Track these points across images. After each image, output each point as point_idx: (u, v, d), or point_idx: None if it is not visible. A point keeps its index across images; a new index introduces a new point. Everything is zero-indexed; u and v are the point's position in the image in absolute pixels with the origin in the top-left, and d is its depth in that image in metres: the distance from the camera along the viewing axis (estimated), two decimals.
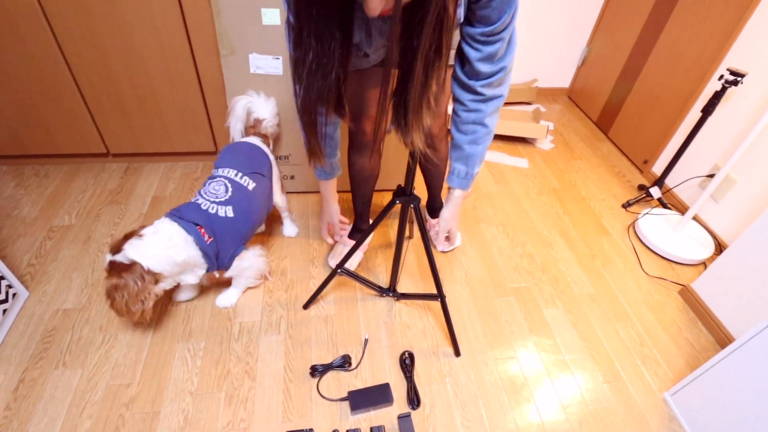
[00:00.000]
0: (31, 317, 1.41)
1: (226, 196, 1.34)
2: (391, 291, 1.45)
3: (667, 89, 2.15)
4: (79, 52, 1.66)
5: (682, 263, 1.83)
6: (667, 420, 1.31)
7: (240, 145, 1.49)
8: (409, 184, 1.13)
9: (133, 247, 1.18)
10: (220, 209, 1.32)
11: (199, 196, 1.34)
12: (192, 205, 1.31)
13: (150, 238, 1.20)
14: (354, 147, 1.46)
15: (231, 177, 1.39)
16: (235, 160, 1.43)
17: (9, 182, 1.90)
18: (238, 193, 1.36)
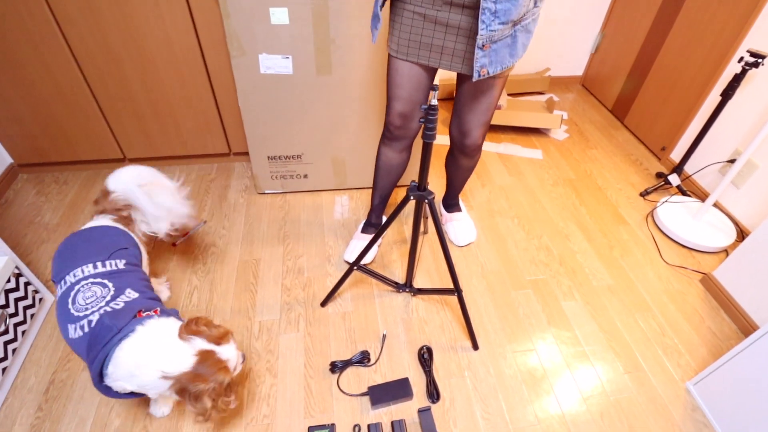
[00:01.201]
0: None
1: (109, 290, 1.04)
2: (407, 286, 1.46)
3: (685, 73, 2.10)
4: (92, 59, 1.69)
5: (702, 251, 1.79)
6: (690, 410, 1.30)
7: (78, 234, 1.15)
8: (423, 180, 1.13)
9: None
10: (115, 303, 1.03)
11: (77, 314, 1.01)
12: (96, 322, 0.99)
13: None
14: (386, 139, 1.44)
15: (92, 273, 1.06)
16: (80, 253, 1.10)
17: (30, 190, 1.95)
18: (116, 277, 1.08)
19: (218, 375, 0.98)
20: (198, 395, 0.96)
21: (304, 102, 1.67)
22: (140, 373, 0.95)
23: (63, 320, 1.02)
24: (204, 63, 1.75)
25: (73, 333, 0.99)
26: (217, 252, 1.69)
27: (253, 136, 1.76)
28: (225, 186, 2.00)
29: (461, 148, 1.44)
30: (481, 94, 1.26)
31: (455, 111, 1.37)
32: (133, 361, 0.95)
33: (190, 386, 0.96)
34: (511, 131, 2.47)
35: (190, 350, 0.98)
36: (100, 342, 0.96)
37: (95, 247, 1.11)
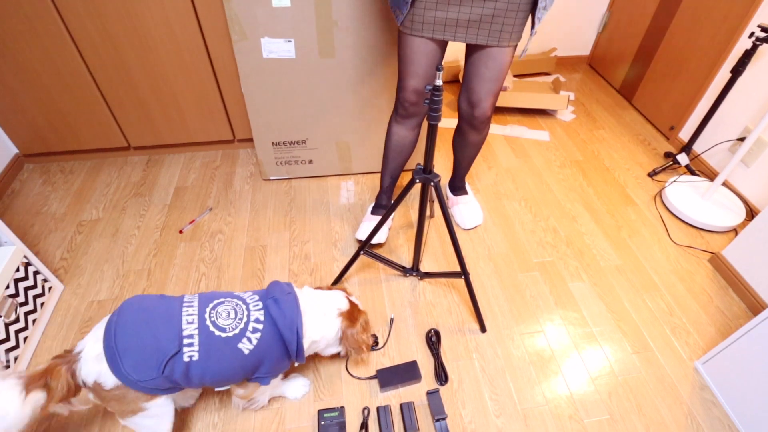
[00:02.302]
0: (67, 309, 1.46)
1: (235, 303, 1.05)
2: (414, 270, 1.46)
3: (694, 50, 2.06)
4: (93, 47, 1.67)
5: (711, 231, 1.78)
6: (698, 389, 1.30)
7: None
8: (429, 162, 1.12)
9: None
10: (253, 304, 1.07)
11: (235, 330, 1.00)
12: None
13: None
14: (398, 116, 1.44)
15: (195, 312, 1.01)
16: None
17: (36, 180, 1.96)
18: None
19: (362, 314, 1.19)
20: (354, 334, 1.13)
21: (307, 86, 1.66)
22: (324, 319, 1.09)
23: (225, 349, 0.96)
24: (206, 48, 1.74)
25: (248, 346, 0.98)
26: (223, 239, 1.70)
27: (256, 122, 1.75)
28: (230, 173, 2.00)
29: (470, 120, 1.44)
30: (493, 62, 1.26)
31: (465, 83, 1.37)
32: (316, 307, 1.09)
33: (349, 328, 1.13)
34: (518, 113, 2.44)
35: (342, 296, 1.16)
36: (287, 316, 1.01)
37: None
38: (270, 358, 1.02)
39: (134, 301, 0.95)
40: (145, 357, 0.88)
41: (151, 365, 0.89)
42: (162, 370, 0.89)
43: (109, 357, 0.88)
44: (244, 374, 1.02)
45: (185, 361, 0.92)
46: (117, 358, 0.87)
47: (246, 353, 0.98)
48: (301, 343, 1.03)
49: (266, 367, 1.03)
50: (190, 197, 1.87)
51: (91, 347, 0.89)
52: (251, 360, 0.99)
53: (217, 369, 0.96)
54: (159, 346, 0.90)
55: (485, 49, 1.25)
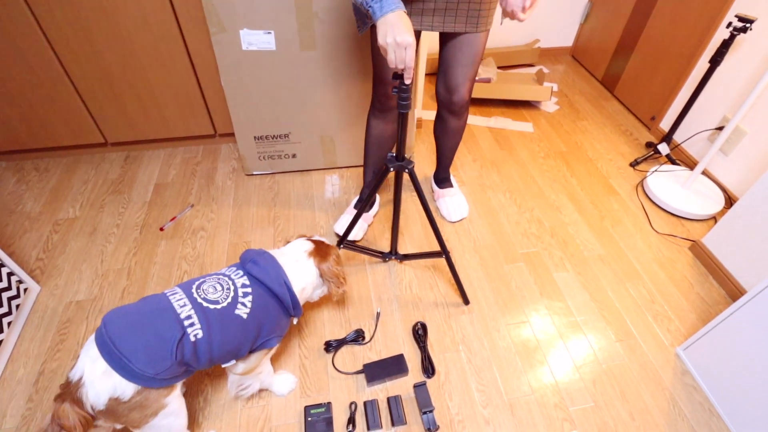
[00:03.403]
0: (45, 311, 1.42)
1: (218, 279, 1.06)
2: (393, 254, 1.46)
3: (674, 41, 2.08)
4: (65, 39, 1.62)
5: (692, 219, 1.80)
6: (680, 374, 1.32)
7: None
8: (401, 150, 1.12)
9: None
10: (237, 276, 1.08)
11: (228, 298, 1.02)
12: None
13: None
14: (375, 110, 1.44)
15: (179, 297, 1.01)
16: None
17: (10, 178, 1.89)
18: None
19: (332, 248, 1.21)
20: (330, 267, 1.16)
21: (288, 79, 1.63)
22: (299, 265, 1.12)
23: (225, 319, 0.97)
24: (183, 40, 1.69)
25: (245, 310, 1.00)
26: (206, 236, 1.67)
27: (237, 116, 1.72)
28: (212, 168, 1.96)
29: (449, 106, 1.44)
30: (468, 47, 1.28)
31: (441, 69, 1.38)
32: (289, 258, 1.11)
33: (324, 262, 1.15)
34: (501, 105, 2.44)
35: (304, 240, 1.19)
36: (270, 272, 1.04)
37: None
38: (269, 318, 1.04)
39: (114, 313, 0.92)
40: (154, 350, 0.88)
41: (163, 355, 0.88)
42: (175, 355, 0.89)
43: (117, 366, 0.85)
44: (248, 342, 1.02)
45: (192, 341, 0.92)
46: (127, 363, 0.85)
47: (245, 317, 0.99)
48: (294, 294, 1.06)
49: (267, 328, 1.04)
50: (170, 194, 1.83)
51: (91, 368, 0.86)
52: (252, 324, 1.00)
53: (222, 340, 0.96)
54: (163, 335, 0.89)
55: (460, 36, 1.27)
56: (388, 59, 0.96)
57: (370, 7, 0.95)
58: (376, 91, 1.38)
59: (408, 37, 0.92)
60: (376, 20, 0.94)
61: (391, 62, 0.96)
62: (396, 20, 0.93)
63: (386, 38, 0.93)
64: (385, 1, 0.93)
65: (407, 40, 0.92)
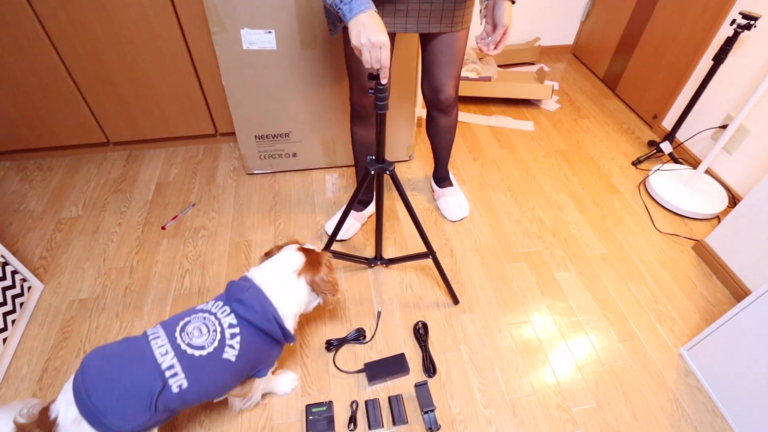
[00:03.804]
0: (48, 309, 1.43)
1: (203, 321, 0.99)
2: (378, 259, 1.45)
3: (676, 39, 2.06)
4: (68, 39, 1.62)
5: (695, 218, 1.80)
6: (683, 375, 1.31)
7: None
8: (380, 152, 1.11)
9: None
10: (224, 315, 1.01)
11: (214, 342, 0.96)
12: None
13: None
14: (354, 118, 1.44)
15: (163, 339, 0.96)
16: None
17: (13, 177, 1.90)
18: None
19: (322, 255, 1.13)
20: (323, 278, 1.08)
21: (289, 78, 1.63)
22: (288, 289, 1.04)
23: (212, 365, 0.92)
24: (184, 40, 1.69)
25: (233, 353, 0.95)
26: (207, 235, 1.67)
27: (238, 115, 1.72)
28: (213, 168, 1.96)
29: (436, 105, 1.44)
30: (448, 47, 1.28)
31: (424, 71, 1.37)
32: (276, 284, 1.02)
33: (316, 274, 1.08)
34: (502, 103, 2.43)
35: (292, 251, 1.09)
36: (258, 311, 0.97)
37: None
38: (260, 355, 1.00)
39: (94, 355, 0.89)
40: (130, 405, 0.84)
41: (140, 409, 0.85)
42: (153, 408, 0.86)
43: (92, 420, 0.83)
44: (239, 378, 1.00)
45: (175, 392, 0.88)
46: (101, 417, 0.82)
47: (234, 360, 0.95)
48: (285, 328, 1.01)
49: (259, 363, 1.02)
50: (172, 193, 1.83)
51: (65, 412, 0.84)
52: (242, 364, 0.97)
53: (212, 385, 0.93)
54: (141, 388, 0.85)
55: (439, 36, 1.26)
56: (363, 60, 0.95)
57: (340, 9, 0.94)
58: (353, 99, 1.37)
59: (382, 37, 0.91)
60: (347, 21, 0.93)
61: (366, 62, 0.95)
62: (368, 20, 0.91)
63: (360, 39, 0.92)
64: (354, 2, 0.92)
65: (381, 39, 0.91)
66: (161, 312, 1.42)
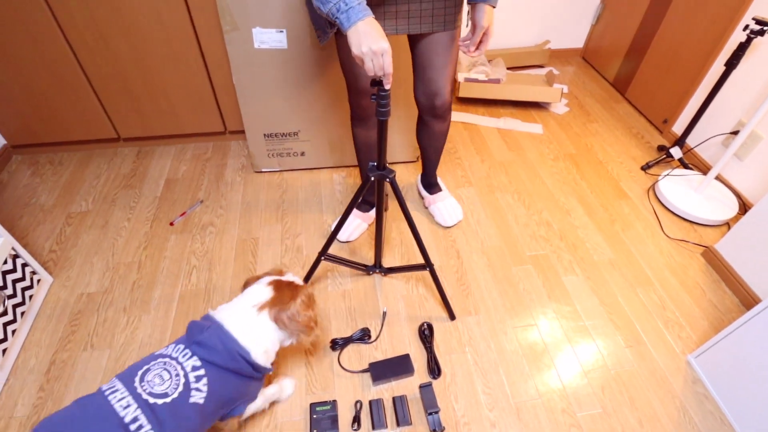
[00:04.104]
0: (56, 302, 1.44)
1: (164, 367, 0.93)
2: (377, 267, 1.43)
3: (688, 43, 2.05)
4: (82, 37, 1.64)
5: (704, 224, 1.78)
6: (690, 382, 1.30)
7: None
8: (382, 159, 1.09)
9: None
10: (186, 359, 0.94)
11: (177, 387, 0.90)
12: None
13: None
14: (355, 120, 1.43)
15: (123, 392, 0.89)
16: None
17: (25, 171, 1.92)
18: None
19: (300, 289, 1.05)
20: (294, 314, 1.01)
21: (299, 77, 1.63)
22: (254, 325, 0.98)
23: (180, 411, 0.87)
24: (196, 38, 1.70)
25: (201, 395, 0.89)
26: (215, 231, 1.68)
27: (248, 113, 1.73)
28: (221, 165, 1.97)
29: (432, 111, 1.39)
30: (443, 47, 1.24)
31: (417, 75, 1.33)
32: (239, 321, 0.97)
33: (283, 309, 1.01)
34: (511, 106, 2.43)
35: (261, 285, 1.04)
36: (221, 350, 0.92)
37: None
38: (233, 392, 0.95)
39: (45, 423, 0.81)
40: None
41: None
42: None
43: None
44: (215, 417, 0.95)
45: None
46: None
47: (203, 402, 0.89)
48: (255, 363, 0.96)
49: (234, 399, 0.97)
50: (180, 189, 1.85)
51: None
52: (212, 403, 0.91)
53: (184, 430, 0.87)
54: None
55: (430, 37, 1.22)
56: (366, 68, 0.93)
57: (337, 19, 0.92)
58: (352, 102, 1.35)
59: (383, 44, 0.90)
60: (346, 31, 0.91)
61: (369, 71, 0.93)
62: (368, 28, 0.90)
63: (361, 48, 0.90)
64: (351, 11, 0.90)
65: (383, 46, 0.89)
66: (168, 308, 1.43)
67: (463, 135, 2.20)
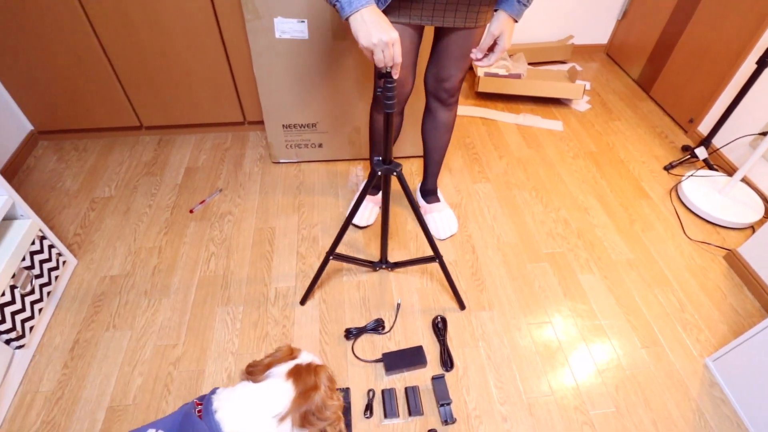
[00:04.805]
0: (81, 283, 1.48)
1: None
2: (383, 263, 1.41)
3: (718, 41, 1.99)
4: (109, 25, 1.67)
5: (728, 227, 1.74)
6: (707, 385, 1.28)
7: None
8: (388, 153, 1.08)
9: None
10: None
11: None
12: None
13: None
14: (377, 105, 1.43)
15: None
16: None
17: (51, 156, 1.97)
18: None
19: (320, 374, 0.88)
20: (321, 408, 0.85)
21: (319, 68, 1.64)
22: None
23: None
24: (218, 28, 1.72)
25: None
26: (233, 220, 1.70)
27: (267, 103, 1.74)
28: (240, 155, 2.00)
29: (438, 94, 1.37)
30: (464, 41, 1.23)
31: (433, 61, 1.32)
32: (244, 421, 0.80)
33: (310, 406, 0.84)
34: (531, 101, 2.40)
35: (279, 380, 0.85)
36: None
37: None
38: None
39: None
40: None
41: None
42: None
43: None
44: None
45: None
46: None
47: None
48: None
49: None
50: (200, 178, 1.88)
51: None
52: None
53: None
54: None
55: (456, 31, 1.22)
56: (375, 59, 0.91)
57: (338, 2, 0.88)
58: (376, 87, 1.35)
59: (393, 33, 0.87)
60: (346, 17, 0.88)
61: (379, 62, 0.91)
62: (374, 18, 0.87)
63: (371, 39, 0.87)
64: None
65: (393, 36, 0.87)
66: (187, 292, 1.46)
67: (482, 130, 2.18)
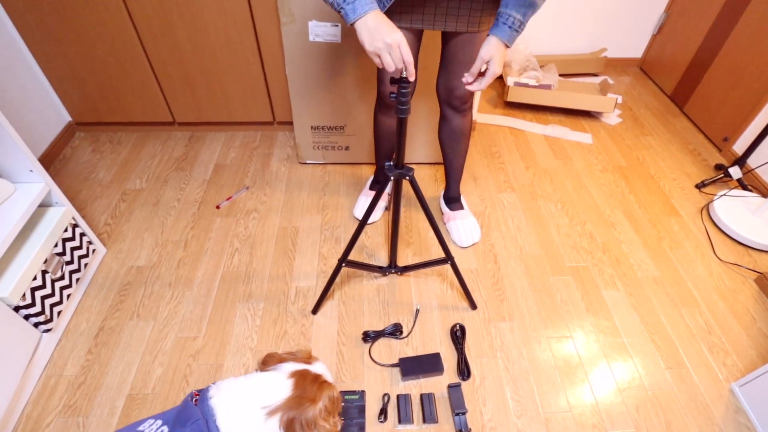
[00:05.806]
0: (108, 272, 1.53)
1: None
2: (392, 267, 1.40)
3: (757, 58, 1.94)
4: (148, 21, 1.72)
5: (760, 249, 1.68)
6: (732, 411, 1.24)
7: None
8: (400, 158, 1.07)
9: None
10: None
11: None
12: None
13: None
14: (381, 107, 1.45)
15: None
16: None
17: (86, 147, 2.04)
18: None
19: (324, 390, 0.85)
20: (309, 423, 0.82)
21: (350, 72, 1.66)
22: (255, 429, 0.81)
23: None
24: (254, 29, 1.76)
25: None
26: (258, 217, 1.73)
27: (297, 104, 1.77)
28: (268, 154, 2.03)
29: (450, 101, 1.38)
30: (470, 46, 1.24)
31: (443, 68, 1.34)
32: (242, 419, 0.80)
33: (299, 414, 0.82)
34: (560, 113, 2.37)
35: (281, 374, 0.85)
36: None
37: None
38: None
39: None
40: None
41: None
42: None
43: None
44: None
45: None
46: None
47: None
48: None
49: None
50: (228, 175, 1.91)
51: None
52: None
53: None
54: None
55: (462, 35, 1.23)
56: (385, 64, 0.90)
57: (342, 10, 0.88)
58: (382, 90, 1.37)
59: (396, 35, 0.87)
60: (352, 23, 0.88)
61: (389, 65, 0.90)
62: (377, 22, 0.87)
63: (375, 43, 0.88)
64: (357, 3, 0.86)
65: (396, 38, 0.87)
66: (210, 286, 1.49)
67: (509, 140, 2.17)
